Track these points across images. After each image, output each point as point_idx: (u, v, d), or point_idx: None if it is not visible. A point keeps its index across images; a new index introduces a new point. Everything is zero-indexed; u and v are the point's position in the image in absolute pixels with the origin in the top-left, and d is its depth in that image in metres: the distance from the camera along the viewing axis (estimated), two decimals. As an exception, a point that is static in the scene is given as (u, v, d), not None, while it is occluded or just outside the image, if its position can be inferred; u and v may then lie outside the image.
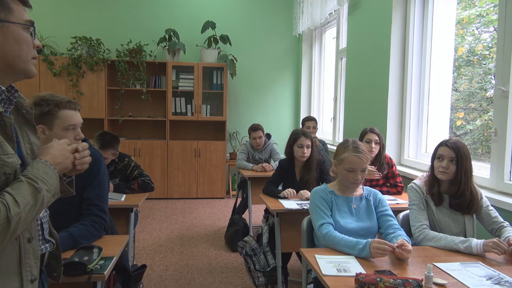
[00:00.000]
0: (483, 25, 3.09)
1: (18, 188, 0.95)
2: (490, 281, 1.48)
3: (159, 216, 4.91)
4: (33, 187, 0.97)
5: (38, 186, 0.99)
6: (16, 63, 1.06)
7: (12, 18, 1.03)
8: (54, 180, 1.05)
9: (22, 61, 1.08)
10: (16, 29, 1.05)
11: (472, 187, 1.98)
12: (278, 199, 2.78)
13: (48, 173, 1.03)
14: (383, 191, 2.85)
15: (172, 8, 6.02)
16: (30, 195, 0.96)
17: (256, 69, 6.30)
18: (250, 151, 4.31)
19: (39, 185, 0.99)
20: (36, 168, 1.02)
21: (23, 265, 1.02)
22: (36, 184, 0.98)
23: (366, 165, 1.98)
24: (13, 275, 0.99)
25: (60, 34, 5.67)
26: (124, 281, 2.09)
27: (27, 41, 1.09)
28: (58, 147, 1.12)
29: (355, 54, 4.24)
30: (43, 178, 1.01)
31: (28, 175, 0.99)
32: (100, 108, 5.56)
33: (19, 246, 1.01)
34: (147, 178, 3.02)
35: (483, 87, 3.07)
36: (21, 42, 1.07)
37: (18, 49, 1.06)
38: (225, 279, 3.17)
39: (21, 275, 1.01)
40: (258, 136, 4.19)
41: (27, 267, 1.03)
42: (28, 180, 0.98)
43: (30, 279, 1.04)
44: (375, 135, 2.97)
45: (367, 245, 1.66)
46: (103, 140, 2.81)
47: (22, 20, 1.06)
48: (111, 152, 2.85)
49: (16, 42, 1.05)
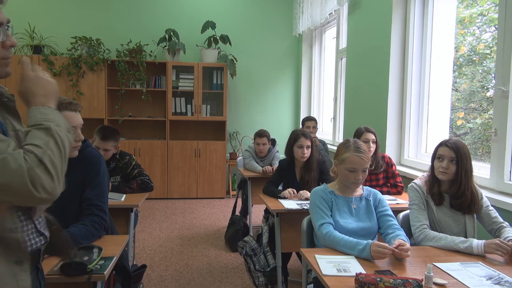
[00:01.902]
0: (484, 24, 3.08)
1: (30, 137, 0.98)
2: (490, 281, 1.48)
3: (159, 216, 4.91)
4: (42, 129, 1.00)
5: (45, 126, 1.00)
6: None
7: None
8: (55, 114, 1.06)
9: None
10: None
11: (473, 186, 1.98)
12: (278, 199, 2.78)
13: (45, 112, 1.04)
14: (383, 191, 2.85)
15: (172, 8, 6.02)
16: (44, 135, 0.99)
17: (256, 69, 6.30)
18: (254, 157, 4.24)
19: (45, 124, 1.01)
20: (34, 115, 1.03)
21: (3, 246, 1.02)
22: (41, 125, 1.00)
23: (367, 165, 1.98)
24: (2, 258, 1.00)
25: (60, 34, 5.67)
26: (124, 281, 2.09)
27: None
28: (33, 84, 1.09)
29: (355, 54, 4.24)
30: (44, 118, 1.02)
31: (31, 123, 1.01)
32: (100, 108, 5.56)
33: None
34: (147, 178, 3.02)
35: (484, 86, 3.07)
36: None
37: None
38: (225, 279, 3.17)
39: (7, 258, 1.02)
40: (263, 142, 4.11)
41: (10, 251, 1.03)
42: (33, 127, 1.00)
43: (15, 261, 1.04)
44: (372, 134, 2.97)
45: (367, 246, 1.66)
46: (104, 131, 2.81)
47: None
48: (113, 144, 2.84)
49: None
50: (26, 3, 5.64)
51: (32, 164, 0.93)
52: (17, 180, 0.91)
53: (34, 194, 0.93)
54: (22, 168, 0.91)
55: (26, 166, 0.92)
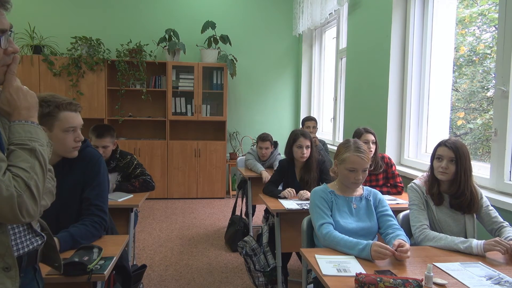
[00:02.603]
0: (484, 24, 3.08)
1: (16, 157, 0.99)
2: (490, 281, 1.48)
3: (159, 216, 4.91)
4: (27, 150, 1.01)
5: (30, 146, 1.02)
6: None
7: None
8: (38, 132, 1.07)
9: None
10: None
11: (472, 186, 1.98)
12: (278, 199, 2.78)
13: (29, 130, 1.05)
14: (383, 191, 2.85)
15: (172, 8, 6.02)
16: (29, 157, 1.00)
17: (256, 69, 6.30)
18: (256, 159, 4.22)
19: (30, 145, 1.02)
20: (17, 132, 1.03)
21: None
22: (27, 145, 1.01)
23: (367, 165, 1.98)
24: None
25: (60, 34, 5.67)
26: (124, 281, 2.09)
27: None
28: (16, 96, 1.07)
29: (355, 54, 4.24)
30: (28, 137, 1.03)
31: (15, 142, 1.02)
32: (100, 108, 5.56)
33: None
34: (149, 177, 3.02)
35: (484, 86, 3.07)
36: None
37: None
38: (225, 279, 3.17)
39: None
40: (265, 147, 4.08)
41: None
42: (18, 147, 1.00)
43: (2, 267, 1.03)
44: (371, 135, 2.97)
45: (368, 247, 1.66)
46: (98, 129, 2.80)
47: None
48: (110, 140, 2.82)
49: None
50: (26, 3, 5.64)
51: (21, 191, 0.96)
52: (7, 207, 0.94)
53: (19, 219, 0.97)
54: (12, 196, 0.94)
55: (15, 194, 0.95)
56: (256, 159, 4.13)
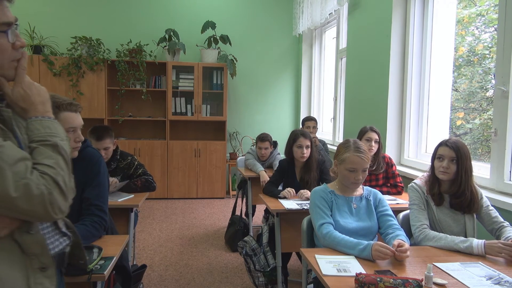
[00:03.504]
0: (483, 25, 3.08)
1: (39, 154, 0.98)
2: (490, 281, 1.48)
3: (159, 216, 4.91)
4: (49, 146, 1.00)
5: (52, 142, 1.01)
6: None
7: None
8: (57, 127, 1.06)
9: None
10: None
11: (472, 186, 1.98)
12: (278, 199, 2.78)
13: (48, 126, 1.04)
14: (383, 191, 2.84)
15: (172, 8, 6.02)
16: (53, 153, 1.00)
17: (256, 69, 6.30)
18: (256, 159, 4.21)
19: (52, 141, 1.01)
20: (36, 128, 1.02)
21: (27, 254, 1.00)
22: (48, 141, 1.00)
23: (367, 165, 1.98)
24: (16, 264, 0.98)
25: (60, 34, 5.67)
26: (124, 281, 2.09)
27: (0, 47, 1.00)
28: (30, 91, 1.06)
29: (355, 54, 4.24)
30: (48, 133, 1.02)
31: (35, 139, 1.01)
32: (100, 108, 5.56)
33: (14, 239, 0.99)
34: (150, 178, 3.02)
35: (483, 87, 3.07)
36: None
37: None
38: (225, 279, 3.17)
39: (25, 264, 1.00)
40: (265, 147, 4.08)
41: (32, 256, 1.01)
42: (40, 144, 1.00)
43: (38, 267, 1.02)
44: (375, 134, 2.98)
45: (369, 246, 1.66)
46: (97, 132, 2.79)
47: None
48: (110, 141, 2.82)
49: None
50: (26, 3, 5.64)
51: (51, 188, 0.95)
52: (40, 206, 0.93)
53: (52, 216, 0.97)
54: (43, 194, 0.93)
55: (46, 192, 0.94)
56: (256, 159, 4.14)
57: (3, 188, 0.89)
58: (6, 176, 0.89)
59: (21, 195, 0.90)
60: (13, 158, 0.91)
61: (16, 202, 0.90)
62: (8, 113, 1.03)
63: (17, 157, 0.93)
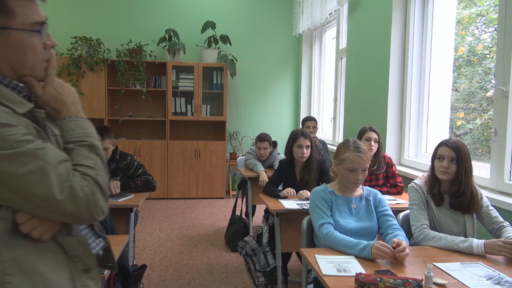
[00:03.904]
0: (483, 25, 3.08)
1: (78, 155, 0.96)
2: (490, 281, 1.48)
3: (159, 216, 4.91)
4: (86, 146, 0.98)
5: (89, 142, 0.99)
6: (22, 72, 0.97)
7: (13, 23, 0.92)
8: (89, 126, 1.04)
9: (28, 69, 0.97)
10: (18, 36, 0.94)
11: (472, 186, 1.98)
12: (278, 199, 2.78)
13: (82, 126, 1.02)
14: (383, 191, 2.84)
15: (172, 8, 6.02)
16: (91, 153, 0.98)
17: (256, 69, 6.30)
18: (256, 159, 4.20)
19: (88, 141, 0.99)
20: (71, 129, 1.00)
21: (70, 256, 0.99)
22: (85, 142, 0.99)
23: (367, 165, 1.98)
24: (62, 266, 0.97)
25: (60, 34, 5.64)
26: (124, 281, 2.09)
27: (33, 47, 0.97)
28: (61, 91, 1.03)
29: (355, 54, 4.24)
30: (84, 133, 1.00)
31: (71, 140, 0.99)
32: (100, 108, 5.56)
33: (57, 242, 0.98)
34: (151, 177, 3.02)
35: (483, 87, 3.07)
36: (25, 50, 0.95)
37: (22, 58, 0.96)
38: (225, 279, 3.17)
39: (70, 266, 0.98)
40: (264, 147, 4.06)
41: (75, 258, 1.00)
42: (77, 144, 0.98)
43: (82, 269, 1.01)
44: (375, 134, 2.98)
45: (369, 246, 1.66)
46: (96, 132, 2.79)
47: (26, 23, 0.94)
48: (109, 141, 2.82)
49: (19, 51, 0.95)
50: (26, 3, 5.64)
51: (93, 190, 0.93)
52: (85, 208, 0.92)
53: (95, 218, 0.95)
54: (88, 196, 0.92)
55: (89, 193, 0.92)
56: (256, 159, 4.13)
57: (49, 191, 0.87)
58: (51, 179, 0.87)
59: (66, 197, 0.88)
60: (56, 160, 0.89)
61: (61, 205, 0.88)
62: (41, 114, 1.00)
63: (59, 159, 0.91)
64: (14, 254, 0.89)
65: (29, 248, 0.92)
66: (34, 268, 0.91)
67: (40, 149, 0.88)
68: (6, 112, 0.89)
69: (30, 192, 0.86)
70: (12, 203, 0.88)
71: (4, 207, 0.89)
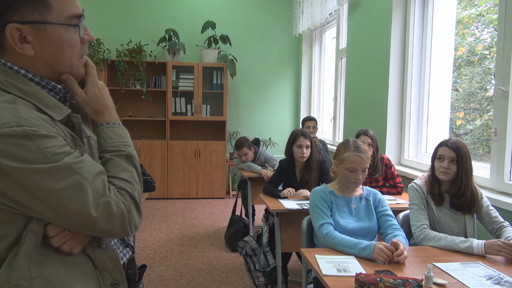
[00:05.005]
0: (483, 25, 3.09)
1: (115, 167, 0.92)
2: (490, 281, 1.48)
3: (159, 216, 4.91)
4: (123, 156, 0.94)
5: (126, 153, 0.95)
6: (59, 69, 0.92)
7: (50, 17, 0.86)
8: (126, 134, 1.00)
9: (66, 66, 0.92)
10: (55, 31, 0.88)
11: (473, 186, 1.98)
12: (278, 199, 2.78)
13: (120, 134, 0.98)
14: (383, 192, 2.84)
15: (172, 8, 6.02)
16: (127, 165, 0.94)
17: (256, 69, 6.29)
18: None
19: (126, 151, 0.95)
20: (109, 137, 0.96)
21: (99, 270, 0.96)
22: (123, 152, 0.95)
23: (367, 165, 1.98)
24: (90, 280, 0.94)
25: (60, 34, 5.66)
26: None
27: (70, 43, 0.91)
28: (105, 93, 0.99)
29: (355, 54, 4.24)
30: (122, 142, 0.96)
31: (109, 149, 0.94)
32: (100, 108, 5.55)
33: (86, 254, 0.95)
34: (150, 178, 3.01)
35: (483, 87, 3.07)
36: (63, 45, 0.90)
37: (59, 54, 0.90)
38: (225, 279, 3.17)
39: (98, 280, 0.95)
40: (244, 153, 3.97)
41: (104, 272, 0.96)
42: (114, 154, 0.94)
43: (110, 283, 0.97)
44: (368, 138, 2.94)
45: (370, 246, 1.66)
46: None
47: (63, 17, 0.89)
48: None
49: (56, 47, 0.89)
50: (26, 3, 5.64)
51: (129, 206, 0.90)
52: (120, 225, 0.88)
53: (128, 233, 0.92)
54: (123, 212, 0.88)
55: (125, 210, 0.89)
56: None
57: (84, 207, 0.83)
58: (87, 194, 0.83)
59: (101, 214, 0.85)
60: (93, 174, 0.86)
61: (95, 222, 0.85)
62: (77, 119, 0.95)
63: (96, 172, 0.87)
64: (43, 270, 0.85)
65: (59, 262, 0.88)
66: (63, 284, 0.87)
67: (77, 162, 0.84)
68: (44, 120, 0.84)
69: (65, 207, 0.82)
70: (45, 217, 0.84)
71: (36, 220, 0.84)
